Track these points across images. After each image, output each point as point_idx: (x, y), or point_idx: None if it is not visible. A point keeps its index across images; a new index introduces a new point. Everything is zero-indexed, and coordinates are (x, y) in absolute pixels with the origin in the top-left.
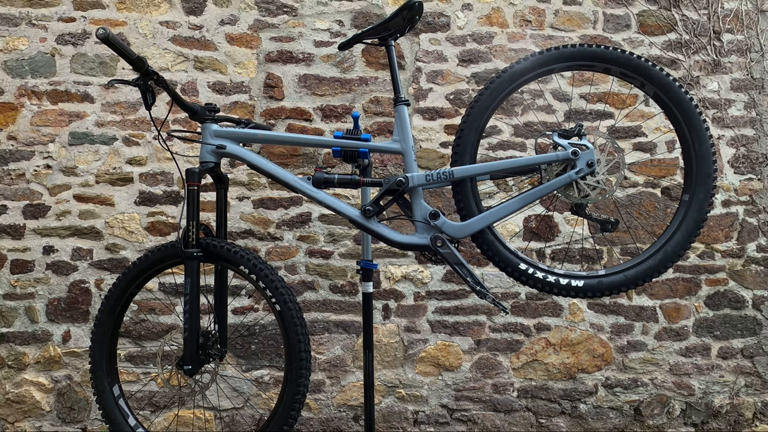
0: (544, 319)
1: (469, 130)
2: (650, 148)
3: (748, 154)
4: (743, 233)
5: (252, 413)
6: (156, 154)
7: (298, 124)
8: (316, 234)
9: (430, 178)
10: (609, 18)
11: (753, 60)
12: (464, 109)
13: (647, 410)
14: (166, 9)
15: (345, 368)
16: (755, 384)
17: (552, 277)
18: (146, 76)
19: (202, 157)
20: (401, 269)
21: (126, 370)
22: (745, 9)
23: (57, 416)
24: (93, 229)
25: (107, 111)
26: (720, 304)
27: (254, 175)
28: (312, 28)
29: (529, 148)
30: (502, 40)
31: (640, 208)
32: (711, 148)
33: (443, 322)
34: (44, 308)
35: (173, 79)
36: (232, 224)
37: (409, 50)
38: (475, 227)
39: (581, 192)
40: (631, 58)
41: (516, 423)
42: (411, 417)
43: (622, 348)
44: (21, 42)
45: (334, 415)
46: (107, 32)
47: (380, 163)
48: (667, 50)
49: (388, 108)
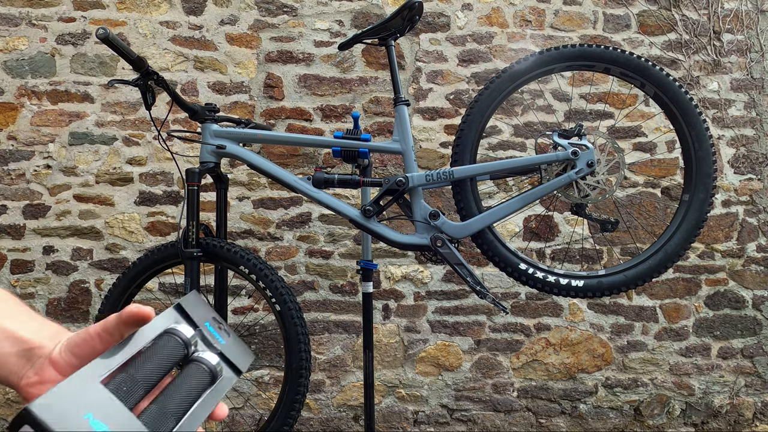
0: (544, 319)
1: (469, 130)
2: (650, 148)
3: (748, 154)
4: (743, 233)
5: (252, 413)
6: (156, 154)
7: (298, 124)
8: (316, 234)
9: (430, 178)
10: (609, 18)
11: (753, 60)
12: (464, 109)
13: (647, 410)
14: (166, 9)
15: (345, 368)
16: (755, 384)
17: (552, 277)
18: (146, 76)
19: (202, 157)
20: (401, 269)
21: None
22: (745, 9)
23: None
24: (93, 229)
25: (107, 111)
26: (720, 304)
27: (254, 175)
28: (312, 28)
29: (529, 148)
30: (502, 40)
31: (640, 208)
32: (711, 148)
33: (443, 322)
34: (44, 308)
35: (173, 79)
36: (232, 224)
37: (409, 50)
38: (475, 227)
39: (581, 192)
40: (631, 58)
41: (516, 423)
42: (411, 417)
43: (622, 348)
44: (21, 42)
45: (334, 415)
46: (107, 32)
47: (380, 163)
48: (667, 50)
49: (388, 108)
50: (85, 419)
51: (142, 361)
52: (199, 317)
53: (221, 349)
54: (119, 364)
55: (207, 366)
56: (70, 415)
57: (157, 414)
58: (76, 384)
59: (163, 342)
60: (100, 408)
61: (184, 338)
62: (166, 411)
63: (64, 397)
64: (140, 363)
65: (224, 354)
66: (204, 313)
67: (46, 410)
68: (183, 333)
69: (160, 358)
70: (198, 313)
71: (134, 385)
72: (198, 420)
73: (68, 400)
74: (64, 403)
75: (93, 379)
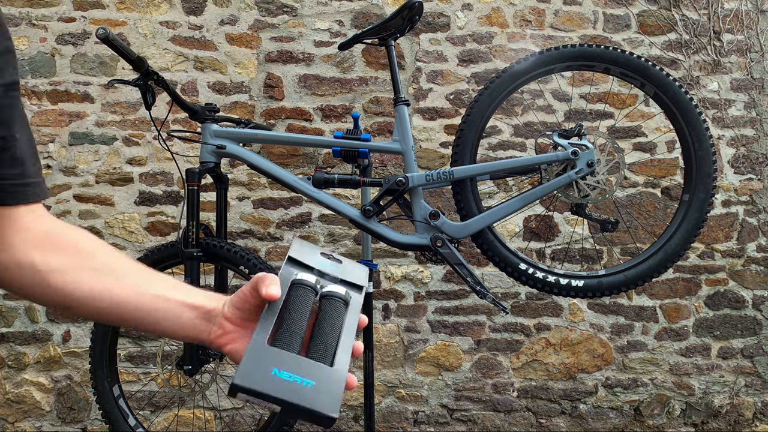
0: (544, 319)
1: (469, 130)
2: (650, 148)
3: (748, 154)
4: (743, 233)
5: (252, 413)
6: (156, 154)
7: (298, 124)
8: (316, 234)
9: (430, 178)
10: (609, 18)
11: (753, 60)
12: (464, 109)
13: (647, 410)
14: (166, 9)
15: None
16: (755, 384)
17: (552, 277)
18: (146, 76)
19: (202, 157)
20: (401, 269)
21: (126, 370)
22: (745, 9)
23: (57, 416)
24: (93, 229)
25: (107, 111)
26: (720, 304)
27: (254, 175)
28: (312, 28)
29: (529, 148)
30: (502, 40)
31: (640, 208)
32: (711, 148)
33: (443, 322)
34: (44, 308)
35: (173, 79)
36: (232, 224)
37: (409, 50)
38: (475, 227)
39: (581, 192)
40: (631, 58)
41: (516, 423)
42: (411, 417)
43: (622, 348)
44: (21, 42)
45: None
46: (107, 32)
47: (380, 163)
48: (667, 50)
49: (388, 108)
50: (272, 374)
51: (288, 316)
52: (311, 259)
53: (341, 277)
54: (273, 324)
55: (338, 297)
56: (261, 374)
57: (319, 349)
58: (252, 353)
59: (296, 294)
60: (278, 362)
61: (310, 284)
62: (325, 343)
63: (250, 365)
64: (288, 318)
65: (344, 279)
66: (312, 253)
67: (245, 378)
68: (307, 280)
69: (301, 308)
70: (308, 256)
71: (292, 335)
72: (350, 338)
73: (254, 366)
74: (252, 369)
75: (262, 344)
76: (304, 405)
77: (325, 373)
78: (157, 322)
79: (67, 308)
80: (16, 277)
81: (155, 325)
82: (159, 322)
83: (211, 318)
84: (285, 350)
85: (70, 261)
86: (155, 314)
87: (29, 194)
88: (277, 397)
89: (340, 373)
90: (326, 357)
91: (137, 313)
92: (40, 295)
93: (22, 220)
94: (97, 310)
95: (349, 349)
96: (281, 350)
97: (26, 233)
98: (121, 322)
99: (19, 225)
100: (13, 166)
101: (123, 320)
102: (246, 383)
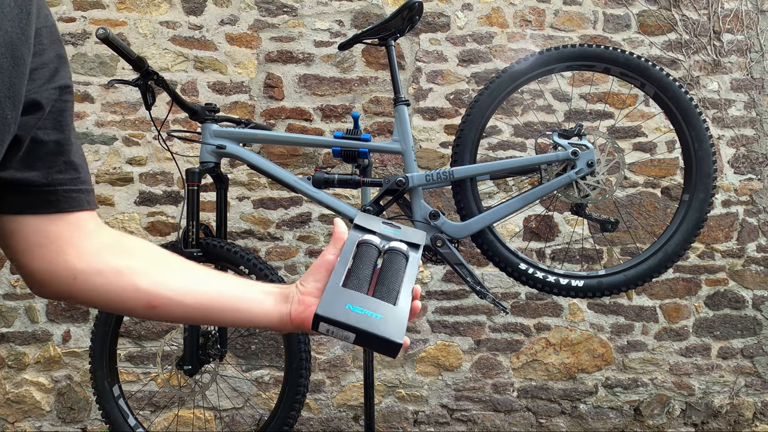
0: (544, 319)
1: (469, 130)
2: (650, 148)
3: (748, 154)
4: (743, 233)
5: (252, 413)
6: (156, 154)
7: (298, 124)
8: (316, 234)
9: (430, 178)
10: (609, 18)
11: (753, 60)
12: (464, 109)
13: (647, 410)
14: (166, 9)
15: (345, 368)
16: (755, 384)
17: (552, 277)
18: (146, 76)
19: (202, 157)
20: None
21: (126, 370)
22: (745, 9)
23: (57, 416)
24: None
25: (107, 111)
26: (720, 304)
27: (254, 175)
28: (312, 28)
29: (529, 148)
30: (502, 40)
31: (640, 208)
32: (711, 148)
33: (443, 322)
34: (44, 308)
35: (173, 79)
36: (232, 224)
37: (409, 50)
38: (475, 227)
39: (581, 192)
40: (631, 58)
41: (516, 423)
42: (411, 417)
43: (622, 348)
44: None
45: (334, 415)
46: (107, 32)
47: (380, 163)
48: (667, 50)
49: (388, 108)
50: (347, 308)
51: (358, 267)
52: (374, 225)
53: (401, 237)
54: (345, 271)
55: (399, 251)
56: (338, 307)
57: (384, 291)
58: (330, 292)
59: (364, 250)
60: (351, 299)
61: (375, 243)
62: (389, 287)
63: (329, 300)
64: (358, 268)
65: (403, 240)
66: (374, 221)
67: (326, 309)
68: (372, 240)
69: (368, 261)
70: (371, 223)
71: (360, 281)
72: (410, 284)
73: (332, 301)
74: (331, 303)
75: (338, 286)
76: (375, 332)
77: (390, 309)
78: (243, 310)
79: (152, 308)
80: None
81: (239, 314)
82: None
83: (288, 298)
84: (355, 290)
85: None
86: (239, 303)
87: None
88: (352, 325)
89: (403, 311)
90: (390, 298)
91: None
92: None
93: (87, 226)
94: (184, 306)
95: (410, 293)
96: (352, 291)
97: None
98: (204, 316)
99: (86, 231)
100: (69, 170)
101: (207, 314)
102: (326, 313)
